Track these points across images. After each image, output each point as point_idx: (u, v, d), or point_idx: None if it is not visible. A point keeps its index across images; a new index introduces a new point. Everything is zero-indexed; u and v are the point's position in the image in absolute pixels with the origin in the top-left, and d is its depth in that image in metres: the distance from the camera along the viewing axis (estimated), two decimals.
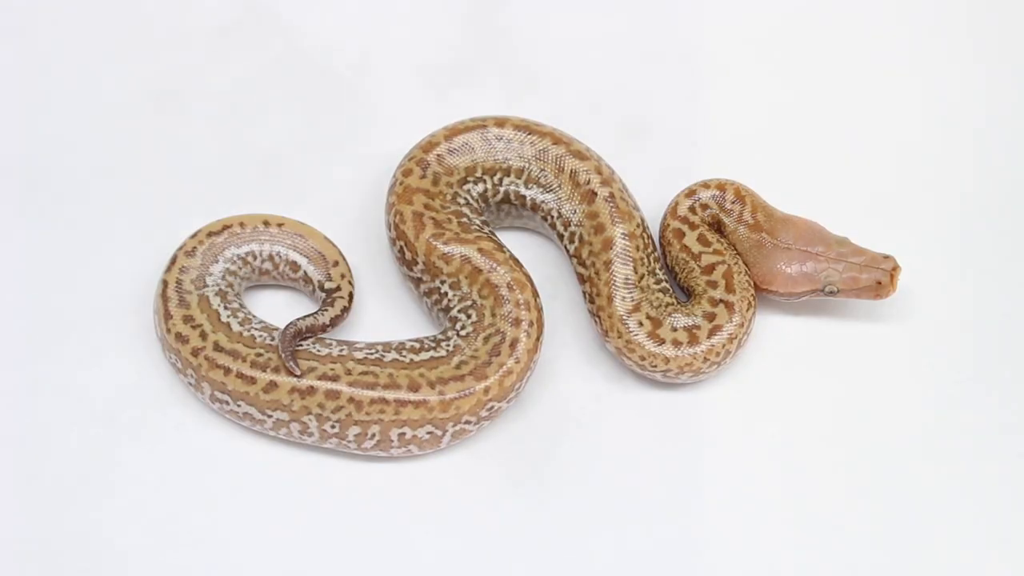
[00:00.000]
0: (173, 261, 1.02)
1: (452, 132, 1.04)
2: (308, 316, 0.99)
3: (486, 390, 0.96)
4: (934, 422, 1.00)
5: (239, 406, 0.97)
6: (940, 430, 1.00)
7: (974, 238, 1.07)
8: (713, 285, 1.00)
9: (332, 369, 0.96)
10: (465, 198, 1.03)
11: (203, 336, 0.98)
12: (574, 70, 1.13)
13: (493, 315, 0.98)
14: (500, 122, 1.05)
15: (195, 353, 0.98)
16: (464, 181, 1.04)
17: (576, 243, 1.03)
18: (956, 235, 1.08)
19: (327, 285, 1.03)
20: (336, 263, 1.03)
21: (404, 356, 0.98)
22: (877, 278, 0.98)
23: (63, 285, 1.04)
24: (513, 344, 0.97)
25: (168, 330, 0.99)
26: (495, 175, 1.04)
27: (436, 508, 0.98)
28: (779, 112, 1.12)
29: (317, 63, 1.14)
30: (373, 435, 0.96)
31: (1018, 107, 1.13)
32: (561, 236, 1.04)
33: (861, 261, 0.99)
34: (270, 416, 0.97)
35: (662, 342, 0.99)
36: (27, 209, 1.07)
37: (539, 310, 0.99)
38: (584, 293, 1.03)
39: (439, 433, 0.97)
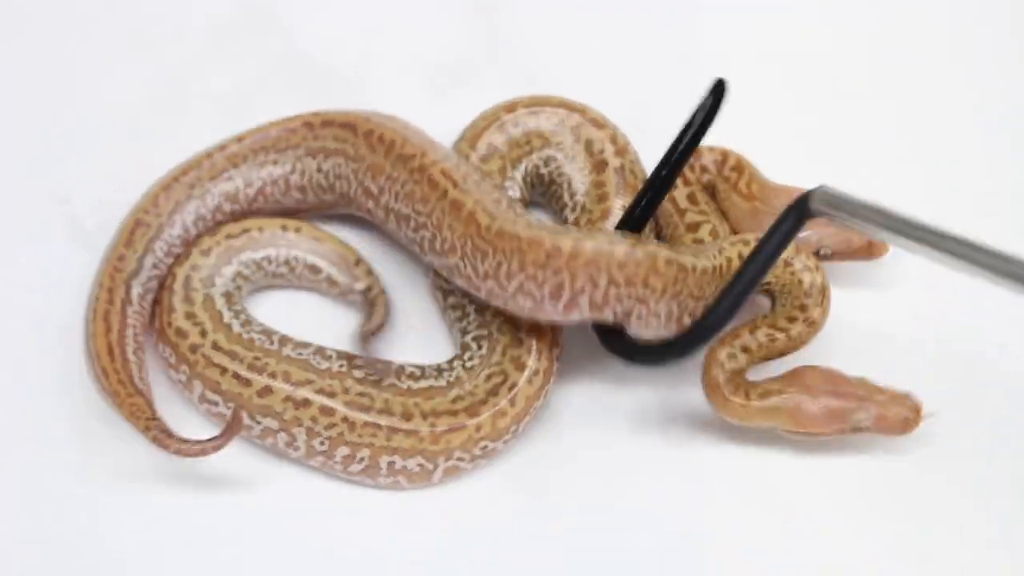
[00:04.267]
0: (187, 256, 1.01)
1: (475, 138, 1.04)
2: (366, 322, 0.99)
3: (478, 427, 0.94)
4: (931, 384, 1.01)
5: (229, 408, 0.96)
6: (939, 390, 1.01)
7: (967, 219, 1.08)
8: (700, 244, 1.01)
9: (330, 385, 0.95)
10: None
11: (203, 334, 0.98)
12: (574, 70, 1.13)
13: (503, 354, 0.96)
14: (510, 107, 1.05)
15: (193, 349, 0.97)
16: (503, 188, 1.03)
17: (576, 212, 1.03)
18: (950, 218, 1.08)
19: (357, 286, 1.02)
20: (358, 262, 1.03)
21: (402, 382, 0.96)
22: (869, 238, 0.99)
23: (57, 284, 1.05)
24: (512, 387, 0.95)
25: (169, 323, 0.99)
26: (518, 163, 1.04)
27: (428, 527, 0.97)
28: (779, 112, 1.12)
29: (317, 63, 1.14)
30: (362, 459, 0.94)
31: (1013, 89, 1.13)
32: (564, 206, 1.04)
33: None
34: (259, 423, 0.96)
35: None
36: (27, 209, 1.08)
37: (552, 361, 0.98)
38: None
39: (430, 467, 0.95)
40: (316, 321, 1.04)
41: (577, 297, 0.91)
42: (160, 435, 0.94)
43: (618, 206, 1.02)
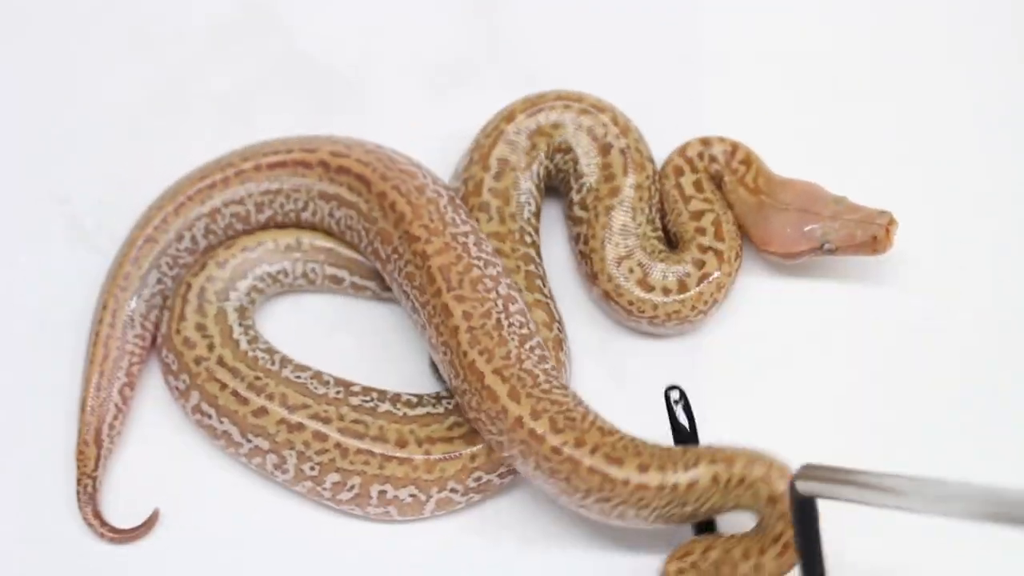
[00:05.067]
0: (202, 267, 1.01)
1: (483, 157, 1.03)
2: None
3: (472, 456, 0.94)
4: (927, 383, 1.02)
5: (221, 422, 0.96)
6: (933, 390, 1.02)
7: (967, 219, 1.08)
8: (702, 232, 1.01)
9: (325, 411, 0.95)
10: (531, 235, 1.03)
11: (210, 348, 0.98)
12: (574, 70, 1.13)
13: None
14: (509, 116, 1.05)
15: (197, 361, 0.97)
16: (520, 205, 1.03)
17: (583, 192, 1.03)
18: (953, 210, 1.08)
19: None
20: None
21: (398, 409, 0.95)
22: (873, 233, 0.99)
23: (57, 284, 1.05)
24: None
25: (177, 331, 0.98)
26: (528, 169, 1.04)
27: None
28: (779, 112, 1.12)
29: (317, 63, 1.14)
30: (352, 487, 0.93)
31: (1013, 89, 1.13)
32: (570, 188, 1.04)
33: (857, 217, 0.99)
34: (250, 441, 0.95)
35: (651, 289, 1.00)
36: (27, 209, 1.08)
37: None
38: (577, 235, 1.03)
39: (422, 498, 0.94)
40: (323, 329, 1.04)
41: (510, 460, 0.92)
42: (84, 495, 0.95)
43: (627, 184, 1.02)
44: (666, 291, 1.00)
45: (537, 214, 1.04)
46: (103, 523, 0.95)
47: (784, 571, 0.88)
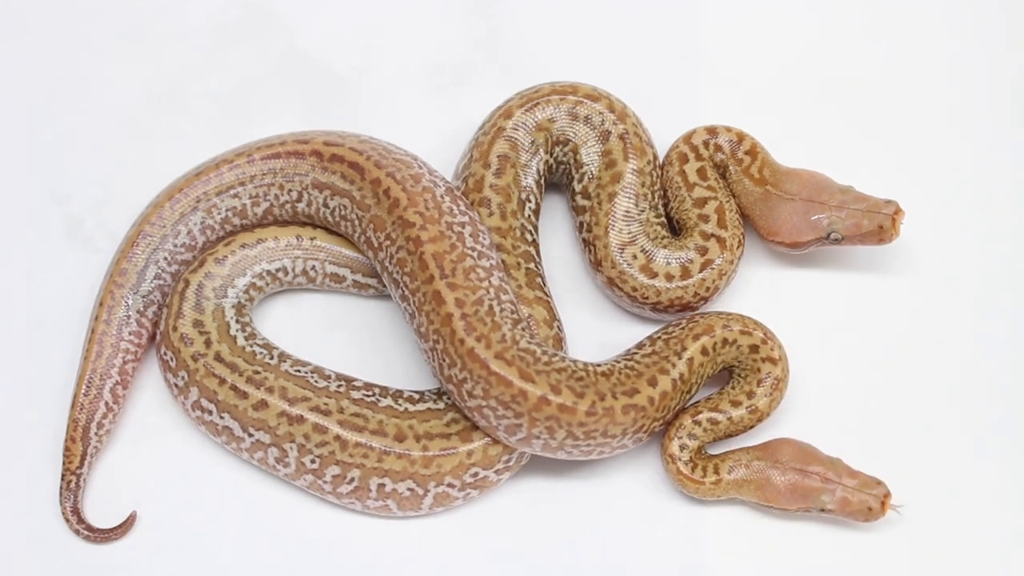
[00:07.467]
0: (201, 264, 1.01)
1: (483, 155, 1.03)
2: None
3: (469, 453, 0.94)
4: (932, 374, 1.02)
5: (222, 418, 0.96)
6: (938, 381, 1.02)
7: (967, 219, 1.09)
8: (704, 219, 1.02)
9: (326, 404, 0.95)
10: (531, 232, 1.03)
11: (207, 344, 0.97)
12: (574, 69, 1.13)
13: None
14: (507, 113, 1.05)
15: (195, 358, 0.97)
16: (521, 202, 1.03)
17: (584, 181, 1.03)
18: (961, 198, 1.09)
19: None
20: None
21: (399, 404, 0.96)
22: (880, 222, 0.99)
23: (56, 284, 1.05)
24: None
25: (174, 327, 0.98)
26: (528, 165, 1.04)
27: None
28: (779, 111, 1.12)
29: (317, 63, 1.14)
30: (352, 479, 0.94)
31: (1014, 89, 1.13)
32: (572, 178, 1.04)
33: (864, 207, 1.00)
34: (251, 435, 0.95)
35: (655, 275, 1.00)
36: (27, 209, 1.07)
37: None
38: (581, 223, 1.03)
39: (420, 492, 0.94)
40: (322, 328, 1.04)
41: (531, 439, 0.92)
42: (67, 491, 0.95)
43: (628, 170, 1.02)
44: (669, 277, 1.00)
45: (537, 212, 1.04)
46: (80, 520, 0.95)
47: (775, 407, 0.96)
